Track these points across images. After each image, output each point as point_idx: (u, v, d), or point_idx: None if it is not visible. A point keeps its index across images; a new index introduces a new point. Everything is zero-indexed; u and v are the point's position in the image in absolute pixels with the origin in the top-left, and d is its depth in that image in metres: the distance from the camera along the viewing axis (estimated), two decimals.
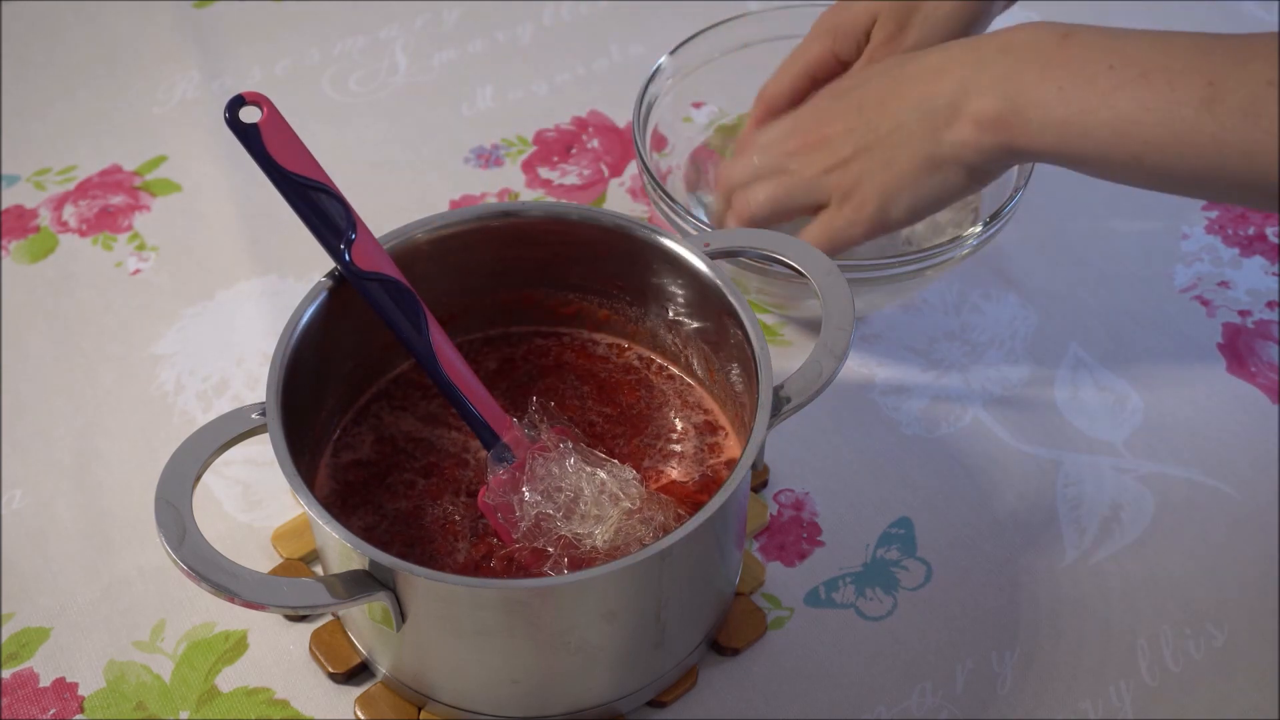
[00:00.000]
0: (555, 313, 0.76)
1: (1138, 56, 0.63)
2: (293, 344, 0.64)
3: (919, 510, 0.76)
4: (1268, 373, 0.82)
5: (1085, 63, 0.64)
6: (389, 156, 0.95)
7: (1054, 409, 0.80)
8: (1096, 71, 0.64)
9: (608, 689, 0.65)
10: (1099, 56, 0.64)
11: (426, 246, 0.70)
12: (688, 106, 0.89)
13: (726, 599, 0.69)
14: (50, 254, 0.89)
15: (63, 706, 0.68)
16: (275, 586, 0.57)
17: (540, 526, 0.65)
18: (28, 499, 0.76)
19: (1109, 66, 0.63)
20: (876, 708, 0.68)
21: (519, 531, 0.65)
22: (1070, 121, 0.64)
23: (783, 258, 0.68)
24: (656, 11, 1.06)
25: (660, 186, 0.78)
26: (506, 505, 0.66)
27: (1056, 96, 0.65)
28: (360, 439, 0.72)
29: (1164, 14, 1.06)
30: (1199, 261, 0.88)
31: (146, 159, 0.95)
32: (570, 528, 0.64)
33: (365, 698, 0.68)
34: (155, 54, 1.02)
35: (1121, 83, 0.63)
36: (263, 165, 0.63)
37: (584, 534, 0.64)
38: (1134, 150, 0.63)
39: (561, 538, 0.64)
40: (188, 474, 0.59)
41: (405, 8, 1.06)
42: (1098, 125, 0.64)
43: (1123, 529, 0.75)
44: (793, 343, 0.84)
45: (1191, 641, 0.71)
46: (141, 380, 0.82)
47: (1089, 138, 0.64)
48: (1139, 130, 0.63)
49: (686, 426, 0.73)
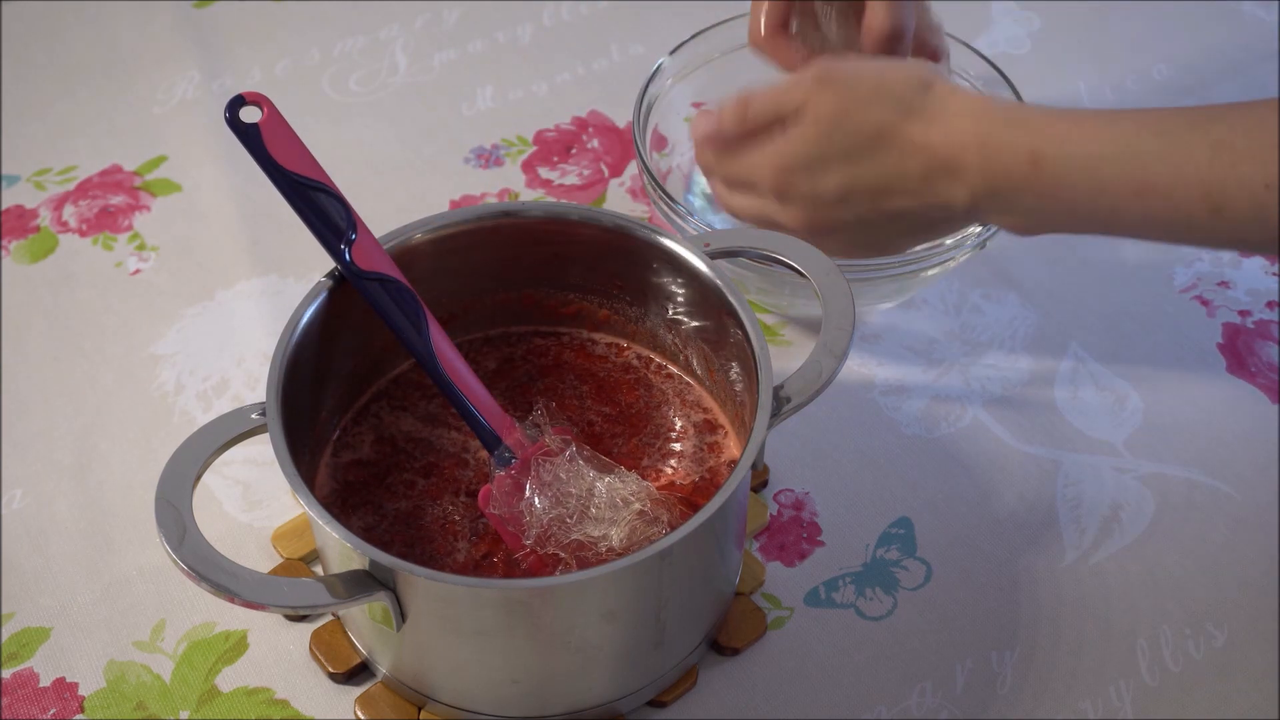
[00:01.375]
0: (555, 313, 0.76)
1: (1121, 174, 0.61)
2: (293, 344, 0.64)
3: (919, 510, 0.76)
4: (1268, 373, 0.82)
5: (1069, 194, 0.63)
6: (389, 156, 0.95)
7: (1054, 409, 0.80)
8: (1077, 200, 0.63)
9: (608, 689, 0.65)
10: (1080, 182, 0.62)
11: (426, 246, 0.70)
12: (688, 106, 0.89)
13: (726, 599, 0.69)
14: (50, 254, 0.89)
15: (63, 706, 0.68)
16: (275, 586, 0.57)
17: (552, 531, 0.65)
18: (28, 499, 0.76)
19: (1098, 191, 0.62)
20: (876, 708, 0.68)
21: (529, 536, 0.65)
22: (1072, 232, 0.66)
23: (783, 258, 0.68)
24: (656, 11, 1.06)
25: (660, 186, 0.78)
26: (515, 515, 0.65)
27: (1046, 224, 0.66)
28: (360, 439, 0.72)
29: (1164, 14, 1.06)
30: (1199, 261, 0.88)
31: (146, 159, 0.95)
32: (584, 530, 0.64)
33: (365, 698, 0.68)
34: (155, 54, 1.02)
35: (1119, 201, 0.62)
36: (263, 165, 0.63)
37: (598, 536, 0.64)
38: (1135, 233, 0.65)
39: (574, 541, 0.64)
40: (188, 474, 0.59)
41: (405, 8, 1.06)
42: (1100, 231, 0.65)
43: (1123, 529, 0.75)
44: (793, 343, 0.84)
45: (1191, 641, 0.71)
46: (141, 380, 0.82)
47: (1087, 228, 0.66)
48: (1148, 234, 0.64)
49: (686, 425, 0.73)
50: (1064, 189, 0.63)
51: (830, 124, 0.68)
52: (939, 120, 0.66)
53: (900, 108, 0.66)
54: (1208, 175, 0.59)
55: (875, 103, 0.67)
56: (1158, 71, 1.02)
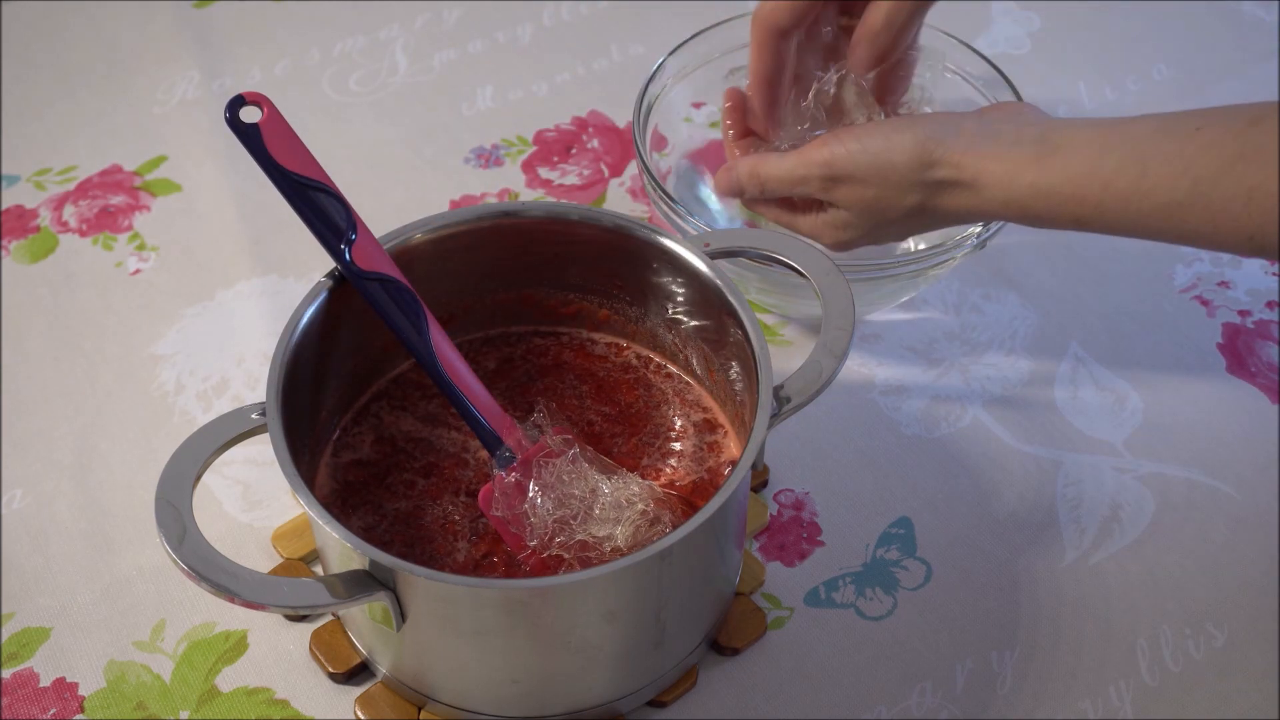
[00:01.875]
0: (555, 313, 0.76)
1: (1166, 228, 0.63)
2: (293, 344, 0.64)
3: (919, 510, 0.76)
4: (1268, 373, 0.82)
5: (1109, 230, 0.66)
6: (389, 156, 0.95)
7: (1054, 409, 0.80)
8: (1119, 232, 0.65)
9: (608, 689, 0.65)
10: (1122, 228, 0.65)
11: (426, 246, 0.70)
12: (688, 106, 0.89)
13: (726, 599, 0.69)
14: (50, 254, 0.89)
15: (63, 706, 0.68)
16: (275, 586, 0.57)
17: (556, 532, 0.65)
18: (28, 499, 0.76)
19: (1142, 231, 0.64)
20: (876, 708, 0.68)
21: (533, 538, 0.65)
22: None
23: (783, 258, 0.68)
24: (656, 11, 1.06)
25: (660, 186, 0.78)
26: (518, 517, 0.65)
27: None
28: (360, 439, 0.72)
29: (1164, 13, 1.06)
30: (1199, 261, 0.88)
31: (146, 159, 0.95)
32: (589, 531, 0.64)
33: (365, 698, 0.68)
34: (155, 54, 1.02)
35: (1163, 238, 0.64)
36: (263, 165, 0.63)
37: (603, 536, 0.64)
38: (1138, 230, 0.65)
39: (578, 542, 0.64)
40: (188, 474, 0.59)
41: (405, 8, 1.06)
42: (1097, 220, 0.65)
43: (1123, 529, 0.75)
44: (793, 343, 0.84)
45: (1191, 641, 0.71)
46: (141, 380, 0.82)
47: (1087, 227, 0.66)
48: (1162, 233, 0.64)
49: (685, 425, 0.73)
50: (1104, 229, 0.66)
51: (870, 212, 0.71)
52: (966, 196, 0.68)
53: (925, 191, 0.69)
54: (1247, 223, 0.60)
55: (899, 192, 0.69)
56: (1158, 71, 1.02)
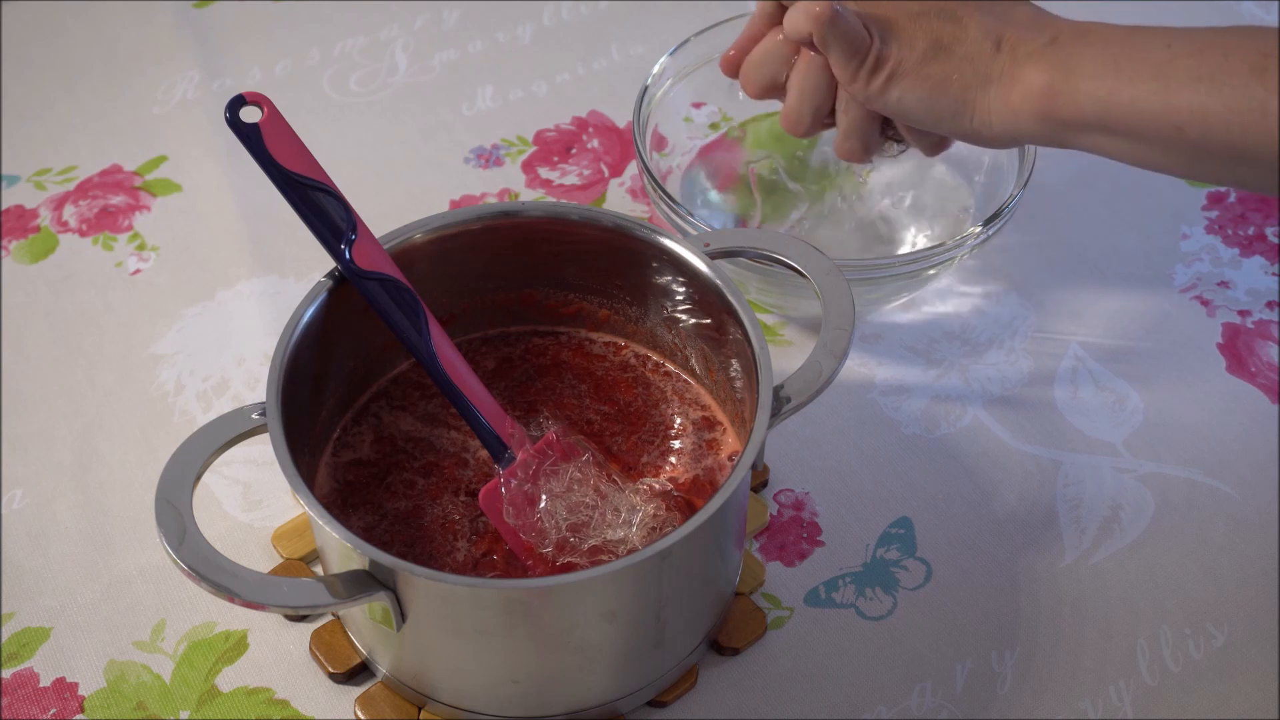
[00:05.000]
0: (555, 313, 0.76)
1: (1196, 38, 0.65)
2: (293, 344, 0.64)
3: (919, 510, 0.76)
4: (1268, 373, 0.82)
5: (1144, 42, 0.66)
6: (389, 156, 0.95)
7: (1054, 409, 0.80)
8: (1153, 48, 0.65)
9: (608, 689, 0.65)
10: (1159, 38, 0.66)
11: (426, 246, 0.70)
12: (688, 106, 0.89)
13: (726, 599, 0.69)
14: (50, 254, 0.89)
15: (63, 706, 0.68)
16: (275, 586, 0.58)
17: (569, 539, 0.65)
18: (28, 499, 0.76)
19: (1166, 45, 0.65)
20: (876, 708, 0.68)
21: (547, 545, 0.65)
22: (1118, 90, 0.65)
23: (783, 258, 0.69)
24: (656, 11, 1.06)
25: (660, 186, 0.78)
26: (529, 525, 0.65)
27: (1111, 68, 0.66)
28: (360, 439, 0.72)
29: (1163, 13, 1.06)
30: (1199, 261, 0.88)
31: (146, 159, 0.95)
32: (603, 536, 0.65)
33: (365, 698, 0.68)
34: (155, 54, 1.02)
35: (1176, 56, 0.65)
36: (263, 165, 0.63)
37: (617, 540, 0.65)
38: (1178, 121, 0.64)
39: (591, 547, 0.65)
40: (188, 474, 0.60)
41: (405, 8, 1.06)
42: (1146, 95, 0.65)
43: (1122, 529, 0.75)
44: (793, 343, 0.84)
45: (1191, 641, 0.71)
46: (141, 380, 0.82)
47: (1134, 108, 0.65)
48: (1187, 98, 0.64)
49: (685, 423, 0.73)
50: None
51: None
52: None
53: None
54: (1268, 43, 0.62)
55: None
56: None
